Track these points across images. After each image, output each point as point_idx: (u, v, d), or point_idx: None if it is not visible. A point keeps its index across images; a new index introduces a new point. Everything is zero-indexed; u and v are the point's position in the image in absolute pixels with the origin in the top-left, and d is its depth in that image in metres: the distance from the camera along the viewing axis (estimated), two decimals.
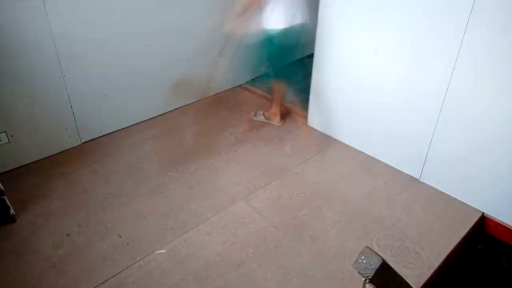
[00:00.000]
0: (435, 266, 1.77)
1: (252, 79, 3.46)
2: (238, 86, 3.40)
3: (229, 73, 3.27)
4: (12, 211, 1.95)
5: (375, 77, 2.29)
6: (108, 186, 2.22)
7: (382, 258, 1.18)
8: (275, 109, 2.82)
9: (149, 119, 2.87)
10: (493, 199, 2.01)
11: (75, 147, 2.54)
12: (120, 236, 1.91)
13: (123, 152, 2.52)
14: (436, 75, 1.99)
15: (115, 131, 2.71)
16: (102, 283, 1.68)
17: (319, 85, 2.65)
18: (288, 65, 2.56)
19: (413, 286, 1.33)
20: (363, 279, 1.17)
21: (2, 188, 1.92)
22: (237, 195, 2.17)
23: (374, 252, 1.18)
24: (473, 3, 1.73)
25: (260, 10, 2.28)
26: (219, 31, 2.37)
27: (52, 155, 2.45)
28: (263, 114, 2.88)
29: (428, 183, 2.25)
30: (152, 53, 2.68)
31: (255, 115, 2.90)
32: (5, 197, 1.92)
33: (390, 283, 1.20)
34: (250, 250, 1.84)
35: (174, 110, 2.99)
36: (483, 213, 2.07)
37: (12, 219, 1.96)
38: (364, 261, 1.16)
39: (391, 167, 2.39)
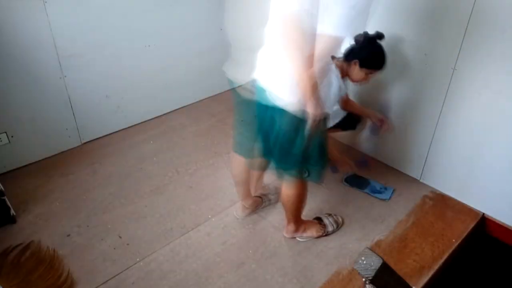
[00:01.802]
0: (435, 267, 1.77)
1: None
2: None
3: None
4: (12, 211, 1.95)
5: None
6: (108, 186, 2.22)
7: (382, 259, 1.18)
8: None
9: (149, 119, 2.87)
10: (494, 200, 2.01)
11: (75, 147, 2.54)
12: (120, 237, 1.91)
13: (123, 152, 2.52)
14: (436, 75, 1.99)
15: (115, 132, 2.70)
16: (102, 283, 1.67)
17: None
18: None
19: (413, 287, 1.33)
20: (364, 279, 1.17)
21: (2, 188, 1.92)
22: (237, 196, 2.17)
23: (374, 253, 1.18)
24: (473, 4, 1.73)
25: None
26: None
27: (53, 156, 2.45)
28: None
29: (429, 183, 2.25)
30: (152, 53, 2.68)
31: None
32: (5, 197, 1.92)
33: (390, 283, 1.21)
34: (250, 251, 1.84)
35: (173, 110, 2.99)
36: (483, 214, 2.06)
37: (13, 220, 1.96)
38: (365, 262, 1.16)
39: (391, 168, 2.39)
